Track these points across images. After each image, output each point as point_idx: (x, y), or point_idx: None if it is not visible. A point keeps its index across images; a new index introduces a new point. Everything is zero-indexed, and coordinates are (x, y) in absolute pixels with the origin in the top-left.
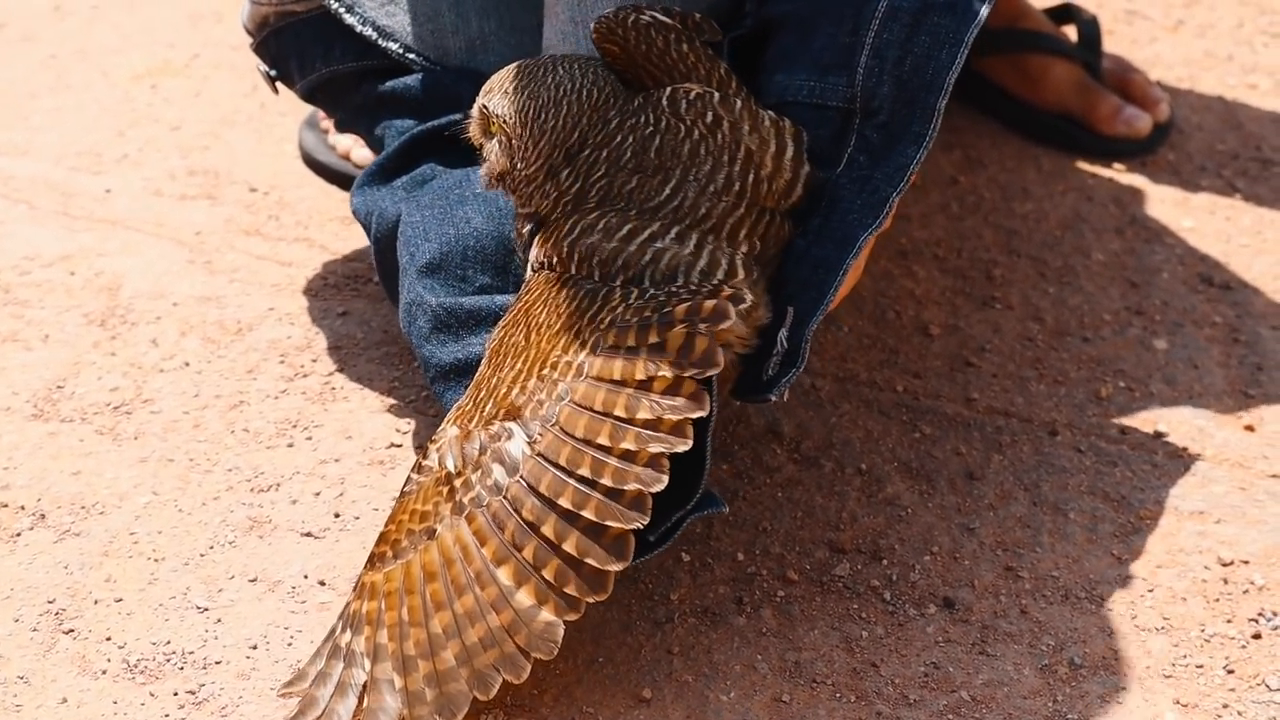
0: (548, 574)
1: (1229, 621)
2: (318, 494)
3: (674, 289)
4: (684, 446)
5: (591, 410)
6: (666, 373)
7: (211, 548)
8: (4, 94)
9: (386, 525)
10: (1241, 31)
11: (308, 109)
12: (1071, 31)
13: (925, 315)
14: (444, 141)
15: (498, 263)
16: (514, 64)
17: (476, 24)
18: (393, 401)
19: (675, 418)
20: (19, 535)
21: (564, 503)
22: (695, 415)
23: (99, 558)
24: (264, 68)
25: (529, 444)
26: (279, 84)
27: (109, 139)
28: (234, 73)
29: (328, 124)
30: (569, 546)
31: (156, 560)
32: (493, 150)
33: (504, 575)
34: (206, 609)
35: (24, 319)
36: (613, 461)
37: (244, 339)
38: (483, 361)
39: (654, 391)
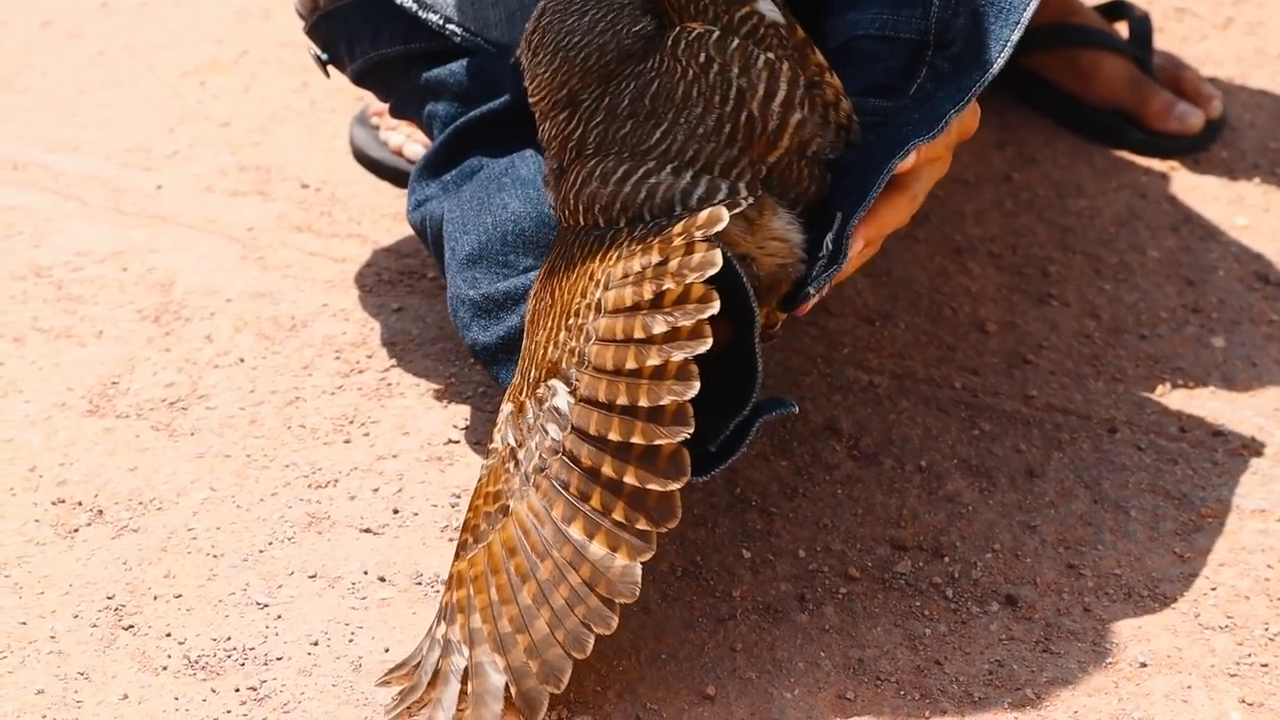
0: (617, 515)
1: None
2: (376, 490)
3: (674, 215)
4: (704, 346)
5: (615, 341)
6: (670, 285)
7: (270, 544)
8: (53, 91)
9: (467, 514)
10: None
11: (358, 105)
12: (1123, 28)
13: (982, 312)
14: (488, 131)
15: (540, 242)
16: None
17: None
18: (449, 397)
19: (689, 323)
20: (76, 531)
21: (614, 437)
22: (707, 314)
23: (157, 553)
24: (316, 51)
25: (571, 393)
26: (331, 68)
27: (159, 135)
28: (283, 69)
29: (379, 119)
30: (630, 479)
31: (215, 556)
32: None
33: (575, 531)
34: (266, 605)
35: (77, 315)
36: (645, 383)
37: (299, 335)
38: (524, 333)
39: (665, 306)
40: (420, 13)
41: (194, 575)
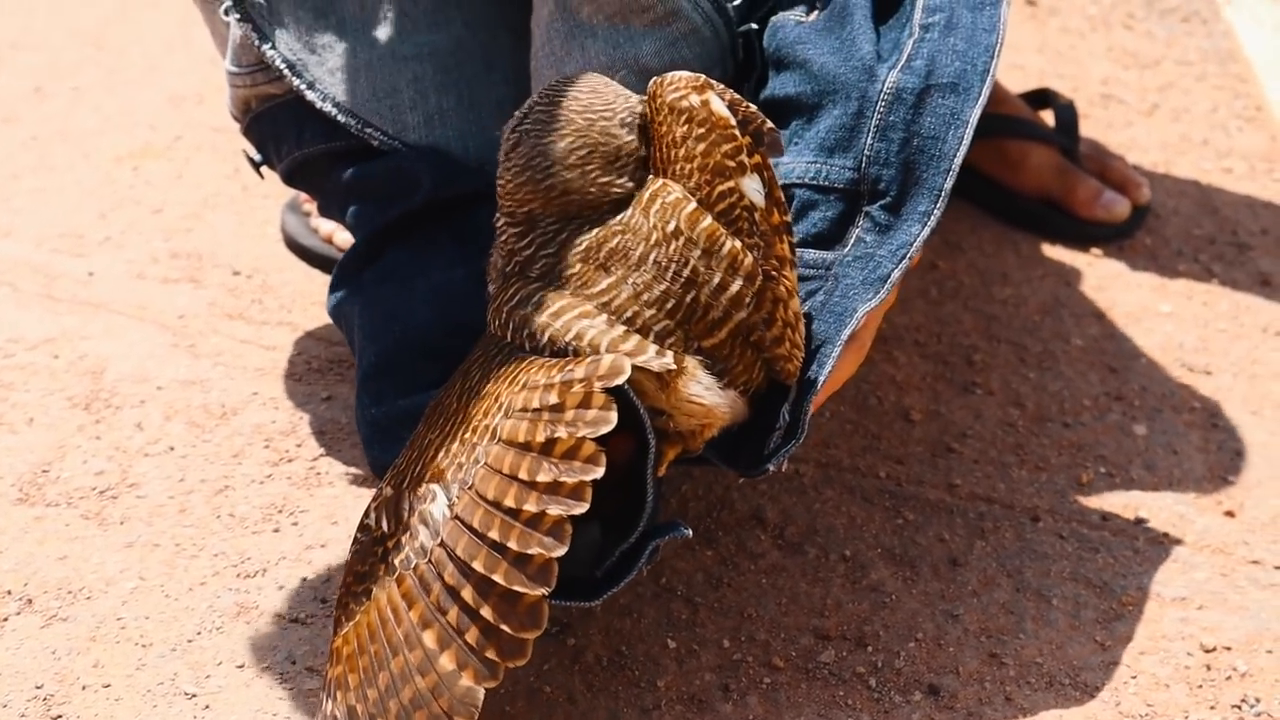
0: (469, 638)
1: (1212, 708)
2: (304, 579)
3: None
4: (580, 509)
5: (501, 473)
6: (563, 433)
7: (199, 633)
8: None
9: (339, 589)
10: (1216, 115)
11: (289, 191)
12: (1048, 116)
13: (906, 401)
14: (407, 228)
15: (449, 354)
16: (554, 85)
17: (435, 100)
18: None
19: (572, 480)
20: (6, 620)
21: (478, 567)
22: (590, 478)
23: (86, 643)
24: (250, 153)
25: (449, 506)
26: (265, 169)
27: (91, 221)
28: (216, 155)
29: (310, 207)
30: (486, 613)
31: (144, 646)
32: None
33: (429, 639)
34: (195, 695)
35: (8, 402)
36: (519, 525)
37: (229, 423)
38: (421, 420)
39: (554, 454)
40: (340, 117)
41: (123, 665)
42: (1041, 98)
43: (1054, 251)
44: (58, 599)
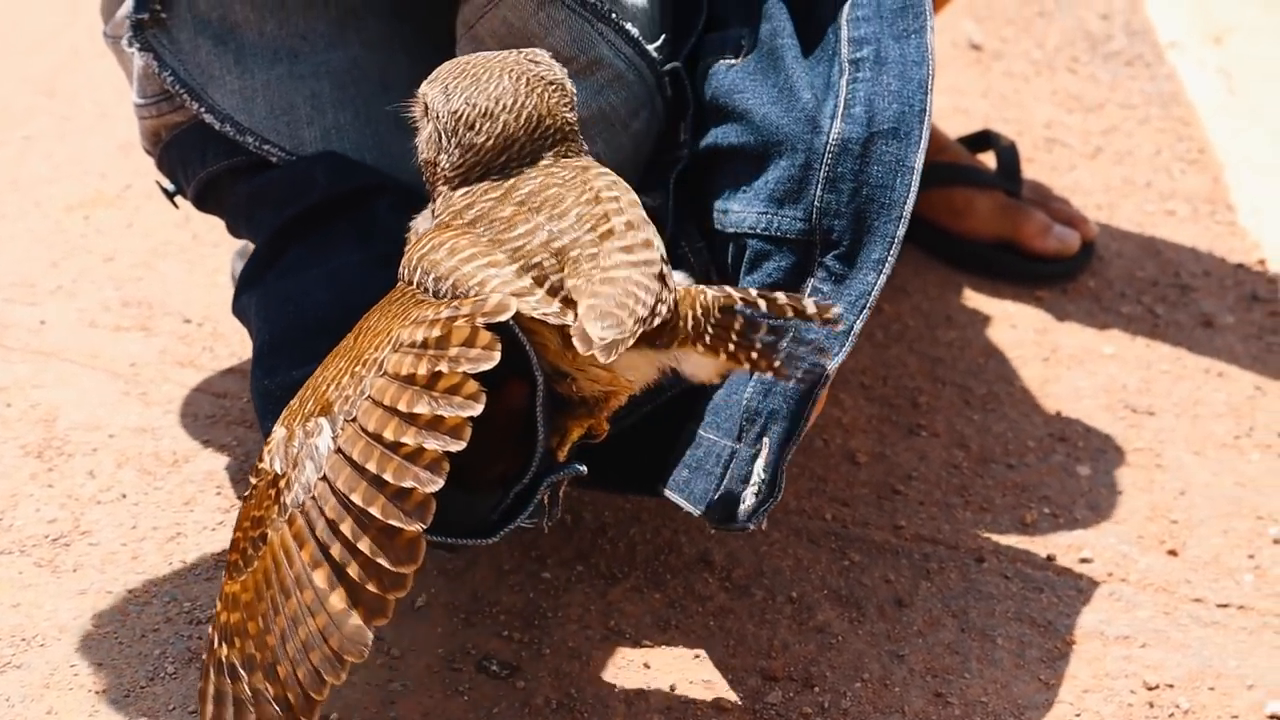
0: (352, 573)
1: None
2: None
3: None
4: (457, 446)
5: (383, 406)
6: (444, 368)
7: (151, 680)
8: None
9: (234, 532)
10: (1159, 159)
11: (239, 240)
12: (990, 158)
13: (852, 443)
14: (306, 226)
15: (342, 330)
16: (464, 58)
17: (332, 115)
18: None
19: (451, 416)
20: None
21: (358, 500)
22: (469, 414)
23: (40, 690)
24: (164, 184)
25: (333, 439)
26: (178, 198)
27: (43, 270)
28: (165, 203)
29: None
30: (365, 546)
31: (97, 693)
32: (426, 136)
33: (319, 578)
34: None
35: None
36: (397, 459)
37: (180, 471)
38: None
39: (436, 389)
40: (237, 136)
41: (76, 712)
42: (983, 140)
43: (998, 294)
44: (11, 646)
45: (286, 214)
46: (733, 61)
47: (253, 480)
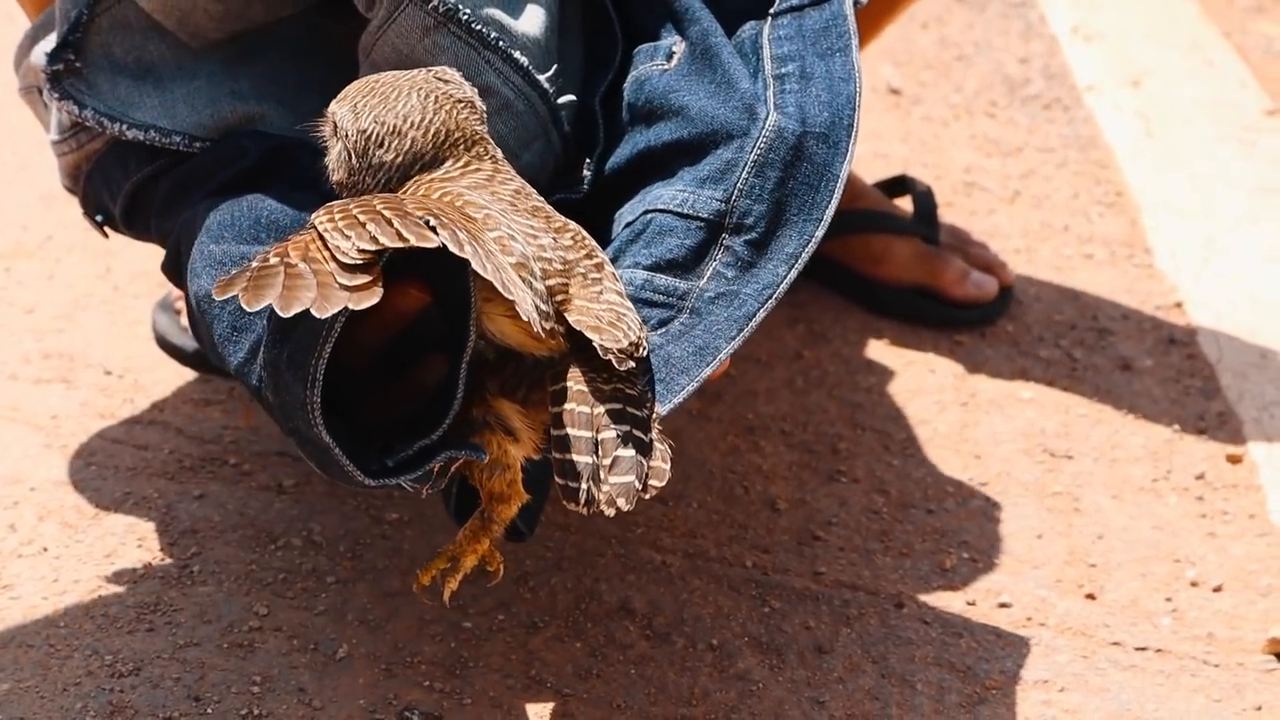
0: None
1: None
2: (178, 678)
3: None
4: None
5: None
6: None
7: None
8: None
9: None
10: (1077, 202)
11: (160, 290)
12: (907, 203)
13: (773, 490)
14: (241, 186)
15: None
16: (373, 76)
17: (255, 105)
18: (251, 584)
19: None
20: None
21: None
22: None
23: None
24: (92, 216)
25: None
26: (108, 228)
27: None
28: (87, 254)
29: (181, 305)
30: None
31: None
32: (335, 155)
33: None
34: None
35: None
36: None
37: (101, 523)
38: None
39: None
40: (162, 140)
41: None
42: (900, 184)
43: (918, 339)
44: None
45: (221, 178)
46: (665, 66)
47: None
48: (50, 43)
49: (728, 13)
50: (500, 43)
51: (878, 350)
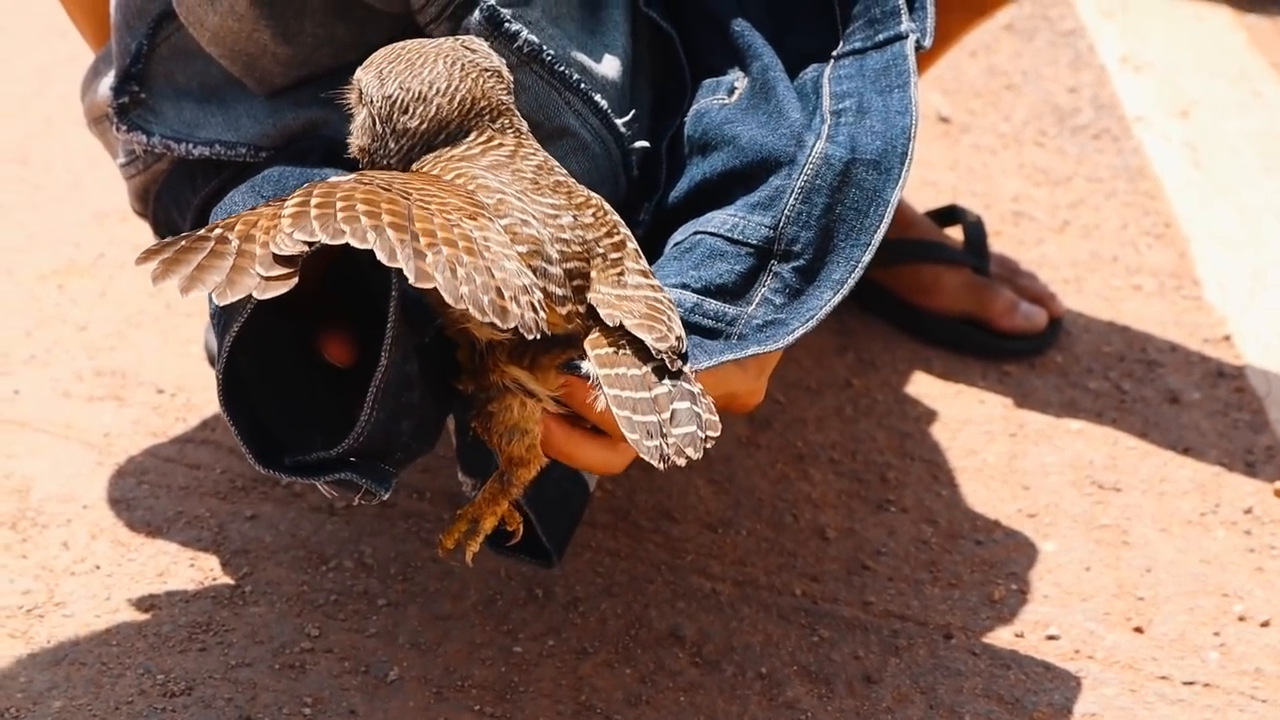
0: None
1: None
2: (229, 699)
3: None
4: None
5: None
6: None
7: None
8: None
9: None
10: (1126, 233)
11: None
12: (957, 232)
13: (822, 519)
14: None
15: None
16: (400, 44)
17: (319, 111)
18: (302, 604)
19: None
20: None
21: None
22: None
23: None
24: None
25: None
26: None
27: (16, 339)
28: (139, 272)
29: None
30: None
31: None
32: (360, 122)
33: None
34: None
35: None
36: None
37: (154, 542)
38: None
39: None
40: (227, 153)
41: None
42: (950, 214)
43: (966, 369)
44: None
45: (283, 170)
46: (726, 101)
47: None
48: (113, 77)
49: (792, 54)
50: (582, 85)
51: (927, 380)
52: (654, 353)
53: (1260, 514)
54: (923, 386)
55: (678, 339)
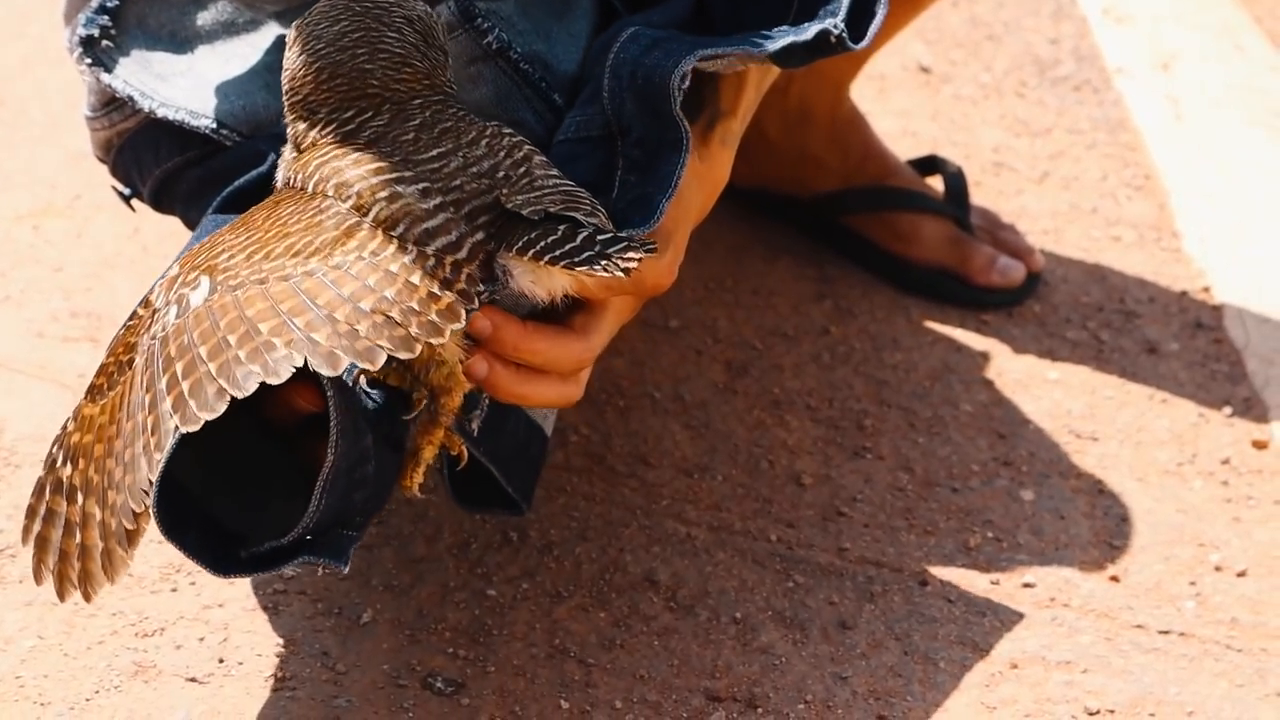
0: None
1: None
2: (202, 639)
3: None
4: (276, 379)
5: (272, 304)
6: (416, 330)
7: (97, 692)
8: None
9: (105, 358)
10: (1106, 184)
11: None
12: (938, 182)
13: (798, 465)
14: (256, 196)
15: None
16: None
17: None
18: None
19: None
20: None
21: (202, 352)
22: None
23: None
24: (119, 188)
25: (207, 297)
26: (134, 201)
27: None
28: (116, 214)
29: None
30: (179, 387)
31: (42, 705)
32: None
33: (146, 406)
34: None
35: None
36: (255, 343)
37: None
38: (228, 225)
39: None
40: (190, 121)
41: None
42: (930, 164)
43: (945, 317)
44: None
45: (238, 185)
46: None
47: (138, 309)
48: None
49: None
50: (543, 84)
51: (905, 328)
52: (586, 225)
53: (1237, 464)
54: (901, 334)
55: (605, 216)
